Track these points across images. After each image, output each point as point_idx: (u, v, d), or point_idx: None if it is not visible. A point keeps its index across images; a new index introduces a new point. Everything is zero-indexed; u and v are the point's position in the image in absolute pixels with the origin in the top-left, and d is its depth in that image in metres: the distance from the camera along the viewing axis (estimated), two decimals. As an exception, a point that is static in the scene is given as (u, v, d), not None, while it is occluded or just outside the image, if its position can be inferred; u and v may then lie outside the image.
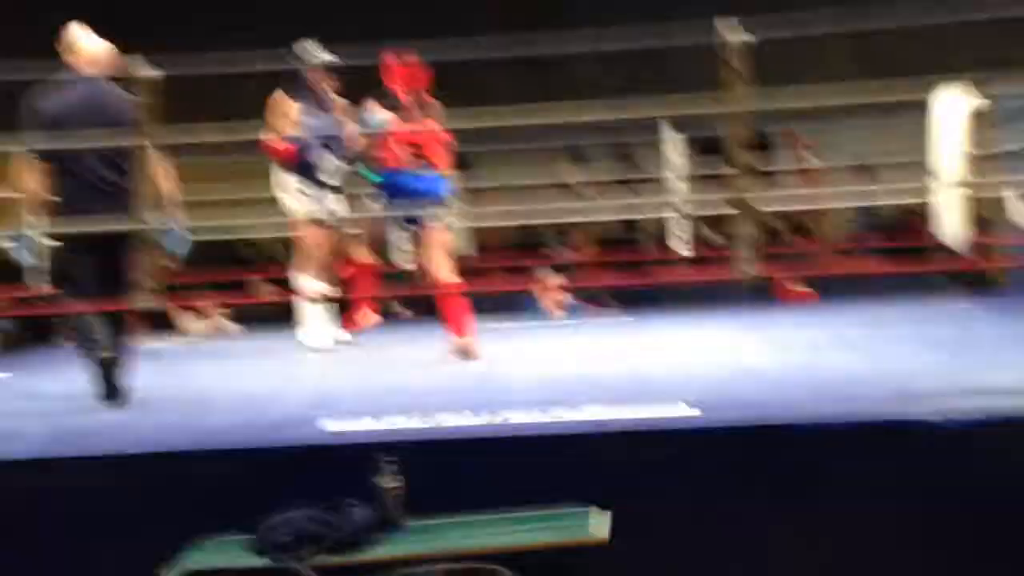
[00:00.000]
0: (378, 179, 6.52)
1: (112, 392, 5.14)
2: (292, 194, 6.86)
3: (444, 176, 6.45)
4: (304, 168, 6.83)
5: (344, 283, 7.10)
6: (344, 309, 7.31)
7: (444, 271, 6.39)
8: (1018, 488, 3.87)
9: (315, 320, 7.04)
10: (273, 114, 6.78)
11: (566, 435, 4.07)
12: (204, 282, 10.01)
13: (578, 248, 13.21)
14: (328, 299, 7.03)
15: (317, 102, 6.86)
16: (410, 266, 6.57)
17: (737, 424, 4.08)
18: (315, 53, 6.85)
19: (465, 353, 6.27)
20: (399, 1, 13.75)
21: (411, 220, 6.42)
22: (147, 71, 5.04)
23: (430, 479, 3.87)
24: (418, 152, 6.38)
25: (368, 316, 7.36)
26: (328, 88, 6.88)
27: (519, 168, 9.07)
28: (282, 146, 6.75)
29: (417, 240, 6.46)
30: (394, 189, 6.44)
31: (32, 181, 5.21)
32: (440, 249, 6.42)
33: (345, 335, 7.19)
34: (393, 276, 7.67)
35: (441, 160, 6.44)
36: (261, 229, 10.05)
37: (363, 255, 6.93)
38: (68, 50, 5.33)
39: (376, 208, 6.64)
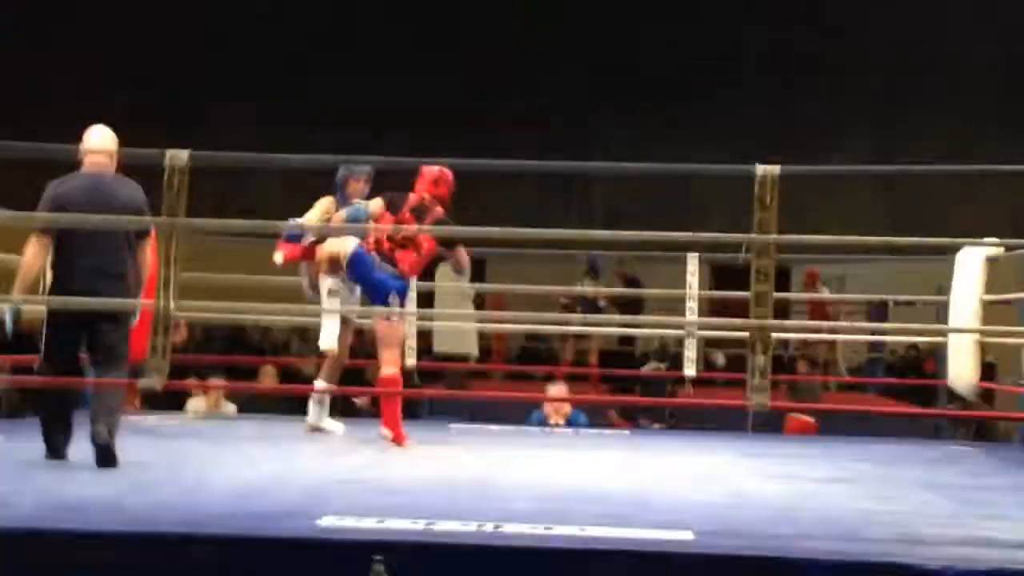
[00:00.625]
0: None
1: (55, 453, 5.51)
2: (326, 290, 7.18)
3: (401, 276, 6.80)
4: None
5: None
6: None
7: (386, 366, 6.80)
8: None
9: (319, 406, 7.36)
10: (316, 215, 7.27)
11: (559, 551, 4.01)
12: (209, 363, 10.02)
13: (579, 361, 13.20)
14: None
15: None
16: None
17: (732, 553, 4.02)
18: (352, 165, 7.26)
19: (391, 441, 6.73)
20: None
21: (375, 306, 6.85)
22: (177, 159, 5.13)
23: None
24: (387, 247, 6.81)
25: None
26: (357, 193, 7.27)
27: (531, 275, 9.14)
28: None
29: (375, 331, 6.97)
30: (357, 271, 6.87)
31: (33, 256, 5.47)
32: (384, 342, 6.81)
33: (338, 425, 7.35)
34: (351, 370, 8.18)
35: (406, 262, 6.81)
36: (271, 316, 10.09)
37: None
38: (83, 145, 5.65)
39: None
